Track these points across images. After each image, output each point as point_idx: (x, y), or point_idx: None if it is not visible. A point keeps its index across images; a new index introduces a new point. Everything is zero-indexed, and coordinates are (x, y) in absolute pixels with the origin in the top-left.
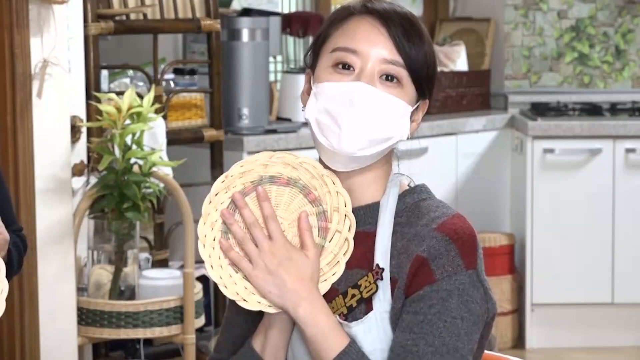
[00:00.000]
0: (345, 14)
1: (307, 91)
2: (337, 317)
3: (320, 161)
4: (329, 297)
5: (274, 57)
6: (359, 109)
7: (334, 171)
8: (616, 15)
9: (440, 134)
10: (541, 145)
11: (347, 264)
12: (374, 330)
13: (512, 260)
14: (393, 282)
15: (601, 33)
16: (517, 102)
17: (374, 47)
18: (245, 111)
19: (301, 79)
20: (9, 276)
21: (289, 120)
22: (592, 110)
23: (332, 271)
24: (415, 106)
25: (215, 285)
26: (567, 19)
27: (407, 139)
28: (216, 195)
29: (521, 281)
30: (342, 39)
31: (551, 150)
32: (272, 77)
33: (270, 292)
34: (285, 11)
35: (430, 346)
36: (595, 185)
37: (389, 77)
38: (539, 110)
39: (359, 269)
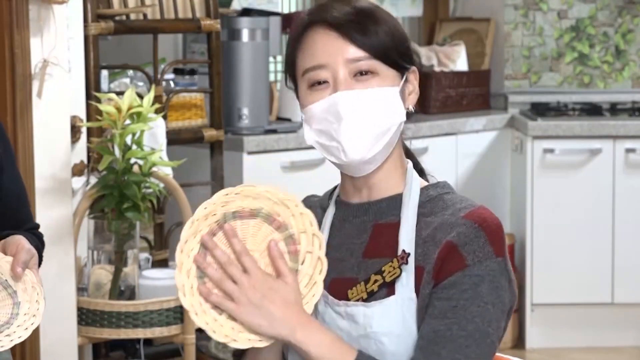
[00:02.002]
0: (299, 32)
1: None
2: (354, 302)
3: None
4: (348, 284)
5: (274, 57)
6: (347, 117)
7: (353, 176)
8: (616, 15)
9: (440, 134)
10: (541, 145)
11: (367, 253)
12: (393, 314)
13: (512, 260)
14: (419, 271)
15: (601, 33)
16: (517, 102)
17: (335, 54)
18: (245, 111)
19: None
20: None
21: (289, 120)
22: (592, 110)
23: (312, 292)
24: (403, 81)
25: None
26: (567, 19)
27: (410, 112)
28: (186, 242)
29: (521, 281)
30: (305, 59)
31: (551, 150)
32: (272, 77)
33: (261, 325)
34: (285, 11)
35: (464, 330)
36: (595, 185)
37: (362, 73)
38: (539, 110)
39: (380, 258)
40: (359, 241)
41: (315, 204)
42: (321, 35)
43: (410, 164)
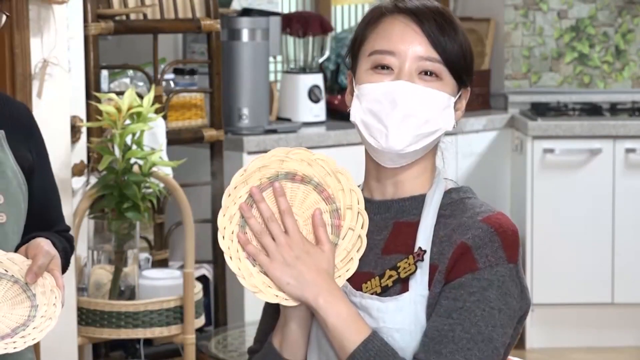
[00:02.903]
0: (377, 15)
1: (351, 92)
2: (370, 295)
3: (369, 158)
4: (364, 278)
5: (274, 57)
6: (402, 107)
7: (383, 167)
8: (616, 15)
9: None
10: (541, 145)
11: (386, 249)
12: (406, 311)
13: None
14: (432, 268)
15: (601, 33)
16: (517, 102)
17: (409, 46)
18: (245, 111)
19: (301, 78)
20: None
21: (289, 120)
22: (592, 110)
23: (346, 267)
24: (458, 96)
25: (216, 285)
26: (567, 19)
27: (453, 127)
28: (235, 188)
29: None
30: (378, 41)
31: (551, 150)
32: (272, 77)
33: (289, 283)
34: (285, 11)
35: (467, 333)
36: (595, 185)
37: (427, 73)
38: (539, 110)
39: (398, 254)
40: (378, 237)
41: None
42: (401, 23)
43: (439, 168)
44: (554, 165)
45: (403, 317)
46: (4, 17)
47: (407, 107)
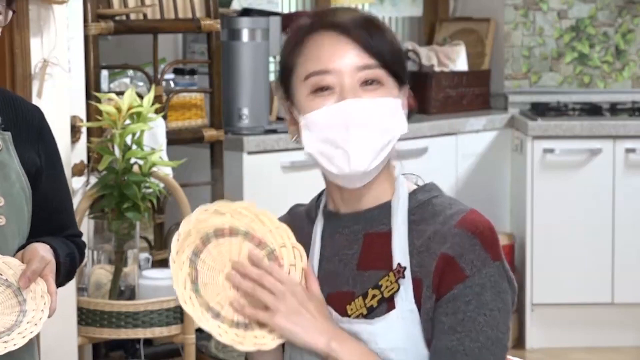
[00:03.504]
0: (301, 36)
1: (292, 123)
2: (357, 318)
3: (328, 182)
4: (345, 298)
5: (274, 57)
6: (355, 126)
7: (344, 187)
8: (616, 15)
9: (440, 134)
10: (541, 145)
11: (362, 265)
12: (396, 328)
13: (512, 260)
14: (416, 282)
15: (601, 33)
16: (517, 102)
17: (343, 59)
18: (245, 111)
19: None
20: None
21: None
22: (592, 110)
23: None
24: (402, 90)
25: None
26: (567, 19)
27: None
28: (177, 253)
29: (521, 281)
30: (309, 63)
31: (551, 150)
32: (272, 77)
33: (296, 332)
34: (285, 11)
35: (476, 342)
36: (595, 185)
37: (368, 82)
38: (539, 110)
39: (375, 270)
40: (350, 252)
41: (302, 214)
42: (329, 39)
43: (397, 170)
44: (554, 165)
45: (394, 335)
46: (10, 13)
47: (360, 125)
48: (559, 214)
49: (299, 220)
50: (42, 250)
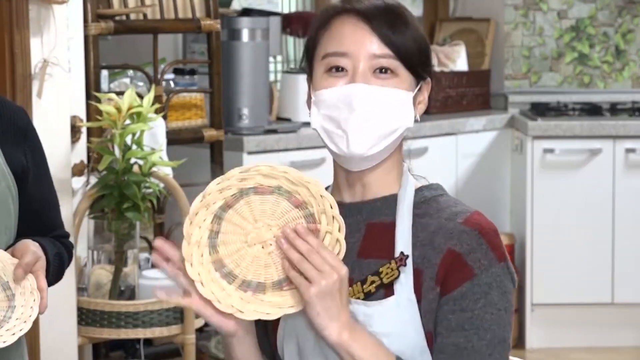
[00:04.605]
0: (327, 17)
1: (309, 97)
2: (355, 300)
3: (336, 162)
4: None
5: (274, 57)
6: (359, 110)
7: (350, 171)
8: (616, 15)
9: (440, 134)
10: (541, 145)
11: (363, 253)
12: (393, 315)
13: (512, 260)
14: (417, 272)
15: (601, 33)
16: (517, 102)
17: (361, 45)
18: (245, 111)
19: (301, 79)
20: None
21: (289, 120)
22: (592, 110)
23: None
24: (417, 89)
25: None
26: (567, 19)
27: (416, 121)
28: (196, 214)
29: (521, 281)
30: (329, 44)
31: (551, 150)
32: (272, 77)
33: (319, 314)
34: (285, 11)
35: (483, 339)
36: (595, 185)
37: (382, 70)
38: (539, 110)
39: (377, 259)
40: (352, 240)
41: None
42: (350, 23)
43: (406, 165)
44: (554, 165)
45: (390, 321)
46: None
47: (364, 110)
48: (559, 214)
49: None
50: (33, 246)
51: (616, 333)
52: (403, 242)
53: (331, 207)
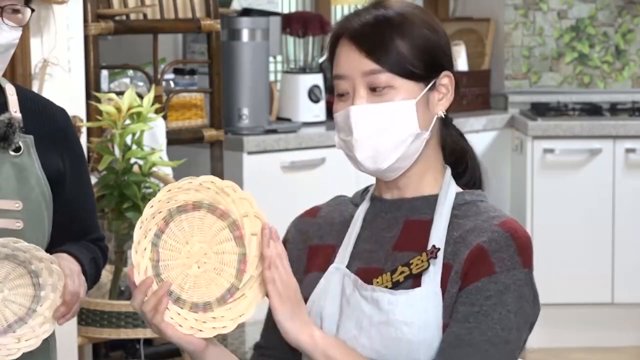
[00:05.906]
0: (332, 39)
1: None
2: (381, 288)
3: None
4: (374, 274)
5: (274, 57)
6: (356, 131)
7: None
8: (616, 15)
9: None
10: (541, 145)
11: (398, 247)
12: (417, 305)
13: None
14: (446, 267)
15: (601, 33)
16: (517, 102)
17: (353, 67)
18: (245, 111)
19: (301, 78)
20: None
21: (289, 120)
22: (592, 110)
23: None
24: (427, 89)
25: None
26: (567, 19)
27: (445, 116)
28: (138, 243)
29: None
30: (334, 67)
31: (551, 150)
32: (272, 77)
33: (292, 319)
34: (285, 11)
35: (483, 335)
36: (595, 185)
37: (376, 88)
38: (539, 110)
39: (409, 252)
40: (389, 235)
41: (346, 201)
42: (345, 46)
43: (448, 169)
44: (554, 165)
45: (413, 311)
46: (28, 12)
47: (362, 131)
48: (559, 214)
49: (343, 204)
50: (71, 284)
51: (616, 333)
52: (437, 236)
53: (251, 207)
